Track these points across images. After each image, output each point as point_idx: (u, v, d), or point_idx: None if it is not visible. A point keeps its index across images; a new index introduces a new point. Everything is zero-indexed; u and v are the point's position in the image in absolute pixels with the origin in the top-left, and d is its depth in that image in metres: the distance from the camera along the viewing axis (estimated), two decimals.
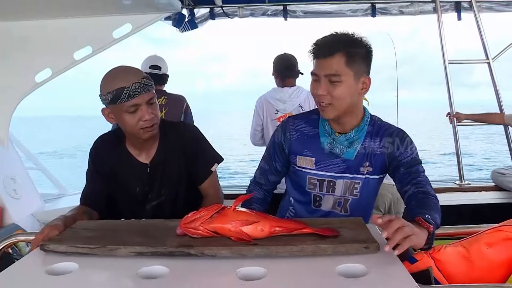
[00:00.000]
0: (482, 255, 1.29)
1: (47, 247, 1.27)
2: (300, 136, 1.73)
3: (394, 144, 1.65)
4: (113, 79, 1.62)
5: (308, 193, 1.76)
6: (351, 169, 1.68)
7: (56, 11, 2.93)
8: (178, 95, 3.28)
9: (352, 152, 1.66)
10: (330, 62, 1.51)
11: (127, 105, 1.60)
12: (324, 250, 1.19)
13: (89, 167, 1.87)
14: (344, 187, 1.70)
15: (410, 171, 1.59)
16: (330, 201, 1.73)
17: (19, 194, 3.16)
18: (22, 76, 3.14)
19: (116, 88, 1.59)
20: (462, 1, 3.71)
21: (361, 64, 1.54)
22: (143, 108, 1.63)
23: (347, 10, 3.76)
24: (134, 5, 2.85)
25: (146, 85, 1.64)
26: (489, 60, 3.76)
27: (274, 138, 1.81)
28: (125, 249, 1.22)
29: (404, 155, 1.62)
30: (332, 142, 1.66)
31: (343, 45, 1.51)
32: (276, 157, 1.80)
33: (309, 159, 1.71)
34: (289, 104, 3.14)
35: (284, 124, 1.79)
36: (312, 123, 1.74)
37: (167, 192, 1.85)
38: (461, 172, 3.94)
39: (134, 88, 1.59)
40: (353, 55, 1.51)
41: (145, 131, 1.67)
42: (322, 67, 1.53)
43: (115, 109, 1.65)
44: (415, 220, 1.30)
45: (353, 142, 1.65)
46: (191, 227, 1.26)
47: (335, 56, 1.50)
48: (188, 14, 3.72)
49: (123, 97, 1.59)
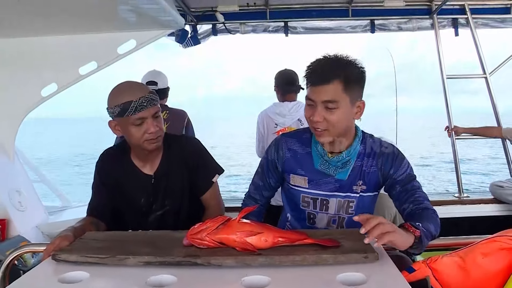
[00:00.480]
0: (478, 264, 1.33)
1: (58, 256, 1.32)
2: (293, 155, 1.75)
3: (387, 162, 1.66)
4: (120, 94, 1.71)
5: (303, 210, 1.78)
6: (344, 188, 1.70)
7: (62, 28, 3.00)
8: (179, 109, 3.33)
9: (345, 172, 1.67)
10: (327, 89, 1.49)
11: (134, 118, 1.68)
12: (325, 259, 1.24)
13: (95, 179, 1.94)
14: (337, 206, 1.72)
15: (406, 188, 1.61)
16: (324, 219, 1.76)
17: (24, 206, 3.19)
18: (29, 91, 3.18)
19: (124, 102, 1.67)
20: (459, 17, 3.78)
21: (356, 89, 1.55)
22: (148, 121, 1.71)
23: (347, 27, 3.83)
24: (138, 22, 2.91)
25: (152, 99, 1.72)
26: (486, 75, 3.83)
27: (267, 155, 1.82)
28: (134, 259, 1.27)
29: (398, 172, 1.64)
30: (324, 163, 1.67)
31: (340, 72, 1.50)
32: (270, 174, 1.83)
33: (302, 178, 1.73)
34: (289, 118, 3.20)
35: (276, 142, 1.80)
36: (305, 142, 1.75)
37: (170, 203, 1.90)
38: (460, 185, 3.97)
39: (141, 102, 1.67)
40: (350, 81, 1.50)
41: (150, 143, 1.74)
42: (318, 94, 1.51)
43: (121, 121, 1.72)
44: (402, 225, 1.36)
45: (346, 163, 1.66)
46: (198, 237, 1.30)
47: (332, 83, 1.49)
48: (191, 30, 3.80)
49: (130, 110, 1.66)
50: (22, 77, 3.17)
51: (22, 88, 3.19)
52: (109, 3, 2.37)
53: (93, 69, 3.17)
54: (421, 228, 1.35)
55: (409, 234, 1.32)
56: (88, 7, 2.51)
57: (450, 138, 3.96)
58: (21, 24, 2.80)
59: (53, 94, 3.22)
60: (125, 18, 2.78)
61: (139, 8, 2.52)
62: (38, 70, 3.17)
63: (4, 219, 2.98)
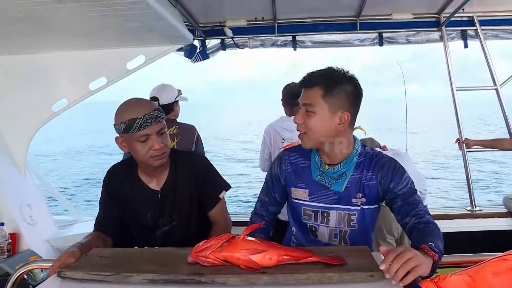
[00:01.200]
0: (487, 284, 1.29)
1: (63, 274, 1.32)
2: (295, 168, 1.79)
3: (387, 175, 1.66)
4: (126, 110, 1.73)
5: (305, 223, 1.79)
6: (343, 200, 1.70)
7: (72, 44, 3.05)
8: (189, 125, 3.32)
9: (341, 184, 1.68)
10: (307, 93, 1.61)
11: (139, 134, 1.70)
12: (330, 278, 1.22)
13: (103, 194, 1.96)
14: (338, 218, 1.72)
15: (407, 202, 1.60)
16: (325, 232, 1.75)
17: (34, 221, 3.22)
18: (40, 106, 3.23)
19: (129, 118, 1.69)
20: (468, 29, 3.76)
21: (340, 100, 1.58)
22: (153, 138, 1.72)
23: (355, 40, 3.83)
24: (147, 38, 2.95)
25: (157, 116, 1.73)
26: (497, 87, 3.78)
27: (272, 171, 1.87)
28: (138, 277, 1.27)
29: (398, 186, 1.64)
30: (321, 174, 1.70)
31: (323, 79, 1.60)
32: (275, 188, 1.86)
33: (303, 190, 1.75)
34: (296, 133, 3.17)
35: (280, 157, 1.86)
36: (306, 155, 1.78)
37: (178, 218, 1.91)
38: (472, 198, 3.91)
39: (146, 119, 1.69)
40: (331, 89, 1.57)
41: (155, 160, 1.76)
42: (302, 97, 1.64)
43: (127, 138, 1.75)
44: (421, 247, 1.32)
45: (342, 175, 1.67)
46: (202, 255, 1.30)
47: (313, 88, 1.59)
48: (199, 45, 3.83)
49: (135, 127, 1.68)
50: (33, 93, 3.23)
51: (33, 103, 3.24)
52: (118, 20, 2.41)
53: (102, 85, 3.21)
54: (438, 250, 1.32)
55: (428, 259, 1.28)
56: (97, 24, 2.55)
57: (461, 151, 3.91)
58: (32, 41, 2.86)
59: (63, 110, 3.27)
60: (134, 34, 2.82)
61: (148, 24, 2.55)
62: (49, 86, 3.23)
63: (15, 233, 3.01)
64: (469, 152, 3.91)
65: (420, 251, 1.29)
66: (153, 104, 1.80)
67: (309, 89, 1.61)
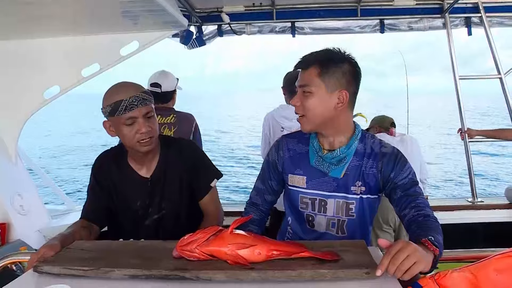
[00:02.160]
0: (491, 281, 1.23)
1: (40, 268, 1.25)
2: (292, 155, 1.73)
3: (388, 165, 1.60)
4: (112, 93, 1.69)
5: (302, 212, 1.73)
6: (341, 188, 1.64)
7: (64, 30, 2.97)
8: (187, 113, 3.25)
9: (339, 170, 1.62)
10: (303, 74, 1.57)
11: (124, 117, 1.66)
12: (323, 275, 1.15)
13: (91, 181, 1.91)
14: (336, 207, 1.66)
15: (407, 193, 1.54)
16: (323, 222, 1.70)
17: (25, 210, 3.15)
18: (31, 93, 3.15)
19: (115, 101, 1.65)
20: (472, 16, 3.66)
21: (337, 78, 1.53)
22: (139, 121, 1.68)
23: (356, 27, 3.74)
24: (141, 23, 2.86)
25: (144, 99, 1.69)
26: (501, 75, 3.70)
27: (268, 157, 1.81)
28: (119, 272, 1.20)
29: (399, 177, 1.58)
30: (319, 159, 1.64)
31: (318, 59, 1.55)
32: (271, 176, 1.80)
33: (300, 177, 1.70)
34: (295, 122, 3.11)
35: (277, 143, 1.80)
36: (304, 141, 1.73)
37: (168, 207, 1.87)
38: (473, 189, 3.86)
39: (131, 101, 1.65)
40: (327, 68, 1.52)
41: (142, 144, 1.71)
42: (299, 79, 1.59)
43: (114, 121, 1.70)
44: (421, 241, 1.26)
45: (340, 160, 1.62)
46: (187, 249, 1.23)
47: (308, 69, 1.55)
48: (196, 31, 3.74)
49: (120, 109, 1.64)
50: (25, 79, 3.14)
51: (25, 90, 3.15)
52: (112, 5, 2.33)
53: (95, 71, 3.12)
54: (439, 244, 1.26)
55: (429, 254, 1.22)
56: (90, 9, 2.47)
57: (463, 141, 3.84)
58: (24, 26, 2.78)
59: (55, 97, 3.19)
60: (127, 19, 2.73)
61: (142, 9, 2.47)
62: (41, 72, 3.14)
63: (5, 223, 2.94)
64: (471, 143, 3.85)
65: (420, 246, 1.22)
66: (140, 86, 1.74)
67: (305, 69, 1.56)
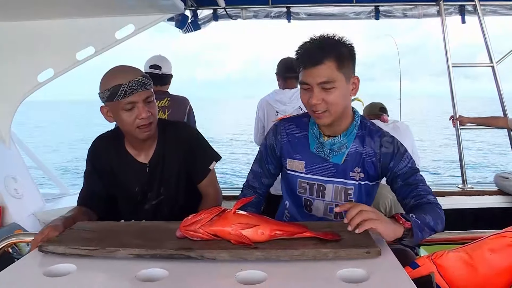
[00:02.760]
0: (485, 261, 1.27)
1: (45, 248, 1.26)
2: (291, 139, 1.72)
3: (387, 154, 1.60)
4: (111, 77, 1.64)
5: (300, 197, 1.74)
6: (340, 174, 1.65)
7: (59, 12, 2.93)
8: (181, 96, 3.26)
9: (340, 156, 1.63)
10: (321, 70, 1.47)
11: (124, 102, 1.61)
12: (325, 254, 1.17)
13: (87, 167, 1.88)
14: (334, 192, 1.67)
15: (408, 182, 1.55)
16: (321, 206, 1.71)
17: (20, 194, 3.15)
18: (25, 76, 3.13)
19: (113, 85, 1.60)
20: (466, 4, 3.69)
21: (349, 66, 1.52)
22: (139, 106, 1.63)
23: (351, 13, 3.75)
24: (137, 6, 2.84)
25: (144, 83, 1.64)
26: (493, 64, 3.75)
27: (266, 141, 1.80)
28: (124, 251, 1.21)
29: (399, 166, 1.58)
30: (319, 146, 1.64)
31: (331, 51, 1.48)
32: (269, 159, 1.80)
33: (299, 162, 1.70)
34: (289, 106, 3.14)
35: (275, 127, 1.78)
36: (303, 126, 1.72)
37: (166, 192, 1.85)
38: (464, 175, 3.92)
39: (131, 86, 1.60)
40: (342, 59, 1.48)
41: (142, 131, 1.67)
42: (313, 76, 1.49)
43: (112, 106, 1.66)
44: (392, 216, 1.34)
45: (341, 147, 1.62)
46: (191, 229, 1.24)
47: (325, 63, 1.47)
48: (191, 16, 3.72)
49: (120, 94, 1.59)
50: (18, 62, 3.12)
51: (18, 73, 3.14)
52: None
53: (90, 54, 3.11)
54: (414, 219, 1.31)
55: (397, 225, 1.29)
56: None
57: (455, 128, 3.90)
58: (17, 7, 2.74)
59: (49, 80, 3.17)
60: (123, 2, 2.72)
61: None
62: (35, 55, 3.12)
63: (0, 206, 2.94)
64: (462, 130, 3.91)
65: (391, 219, 1.31)
66: (139, 70, 1.70)
67: (320, 65, 1.47)
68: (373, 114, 3.39)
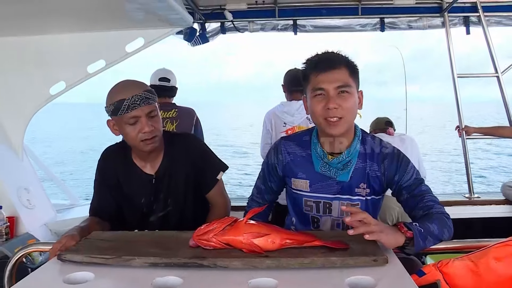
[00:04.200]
0: (491, 269, 1.30)
1: (64, 256, 1.31)
2: (293, 159, 1.72)
3: (390, 167, 1.61)
4: (115, 92, 1.69)
5: (306, 214, 1.74)
6: (346, 191, 1.65)
7: (70, 26, 3.00)
8: (188, 108, 3.31)
9: (347, 174, 1.63)
10: (336, 74, 1.51)
11: (127, 116, 1.66)
12: (333, 262, 1.21)
13: (97, 178, 1.92)
14: (340, 209, 1.66)
15: (413, 194, 1.57)
16: (328, 222, 1.71)
17: (32, 204, 3.20)
18: (37, 89, 3.19)
19: (117, 100, 1.65)
20: (471, 15, 3.72)
21: (357, 77, 1.57)
22: (142, 120, 1.67)
23: (356, 25, 3.80)
24: (147, 20, 2.90)
25: (147, 98, 1.68)
26: (498, 74, 3.76)
27: (268, 160, 1.80)
28: (139, 260, 1.26)
29: (404, 178, 1.59)
30: (325, 166, 1.63)
31: (344, 59, 1.55)
32: (271, 178, 1.81)
33: (303, 181, 1.70)
34: (297, 117, 3.17)
35: (276, 146, 1.78)
36: (304, 144, 1.71)
37: (173, 203, 1.88)
38: (470, 185, 3.91)
39: (134, 101, 1.64)
40: (353, 68, 1.54)
41: (145, 144, 1.70)
42: (329, 81, 1.51)
43: (117, 120, 1.71)
44: (395, 225, 1.38)
45: (346, 164, 1.62)
46: (204, 239, 1.29)
47: (340, 68, 1.52)
48: (199, 29, 3.78)
49: (123, 109, 1.64)
50: (31, 76, 3.18)
51: (31, 86, 3.19)
52: (117, 1, 2.36)
53: (101, 67, 3.16)
54: (416, 228, 1.34)
55: (398, 234, 1.33)
56: (96, 6, 2.50)
57: (461, 138, 3.91)
58: (30, 22, 2.81)
59: (61, 92, 3.23)
60: (133, 16, 2.77)
61: (147, 6, 2.50)
62: (47, 69, 3.17)
63: (13, 217, 2.99)
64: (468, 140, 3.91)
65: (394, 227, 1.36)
66: (144, 85, 1.74)
67: (336, 69, 1.51)
68: (379, 128, 3.43)
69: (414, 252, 1.40)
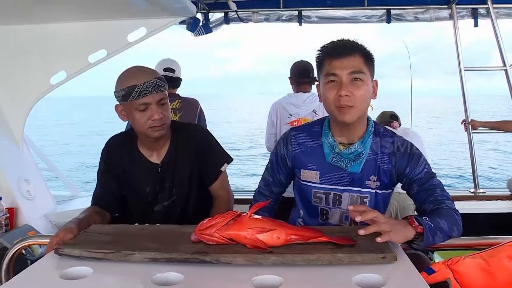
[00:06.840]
0: (503, 268, 1.26)
1: (61, 251, 1.27)
2: (304, 149, 1.68)
3: (402, 160, 1.58)
4: (126, 77, 1.67)
5: (315, 206, 1.71)
6: (357, 183, 1.62)
7: (71, 15, 2.97)
8: (191, 98, 3.29)
9: (358, 165, 1.59)
10: (350, 61, 1.47)
11: (138, 103, 1.64)
12: (340, 259, 1.17)
13: (100, 167, 1.90)
14: (350, 201, 1.64)
15: (424, 188, 1.53)
16: (337, 214, 1.68)
17: (32, 195, 3.18)
18: (38, 78, 3.17)
19: (129, 85, 1.63)
20: (479, 7, 3.66)
21: (372, 66, 1.53)
22: (153, 107, 1.66)
23: (362, 16, 3.74)
24: (149, 9, 2.86)
25: (158, 85, 1.67)
26: (506, 67, 3.71)
27: (277, 151, 1.76)
28: (139, 255, 1.21)
29: (415, 172, 1.56)
30: (336, 156, 1.60)
31: (358, 46, 1.51)
32: (280, 169, 1.77)
33: (313, 172, 1.66)
34: (303, 109, 3.13)
35: (285, 137, 1.74)
36: (315, 135, 1.68)
37: (178, 193, 1.86)
38: (476, 180, 3.88)
39: (145, 87, 1.63)
40: (368, 56, 1.51)
41: (153, 130, 1.69)
42: (343, 67, 1.47)
43: (126, 106, 1.69)
44: (406, 218, 1.34)
45: (358, 155, 1.58)
46: (206, 233, 1.24)
47: (355, 55, 1.48)
48: (202, 19, 3.73)
49: (134, 94, 1.62)
50: (31, 65, 3.16)
51: (31, 75, 3.17)
52: None
53: (102, 57, 3.14)
54: (427, 223, 1.31)
55: (408, 229, 1.29)
56: None
57: (467, 132, 3.86)
58: (31, 11, 2.77)
59: (62, 82, 3.21)
60: (135, 5, 2.73)
61: None
62: (47, 58, 3.16)
63: (13, 208, 2.97)
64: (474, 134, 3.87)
65: (404, 220, 1.33)
66: (155, 72, 1.73)
67: (350, 56, 1.48)
68: (384, 121, 3.39)
69: (422, 248, 1.37)
